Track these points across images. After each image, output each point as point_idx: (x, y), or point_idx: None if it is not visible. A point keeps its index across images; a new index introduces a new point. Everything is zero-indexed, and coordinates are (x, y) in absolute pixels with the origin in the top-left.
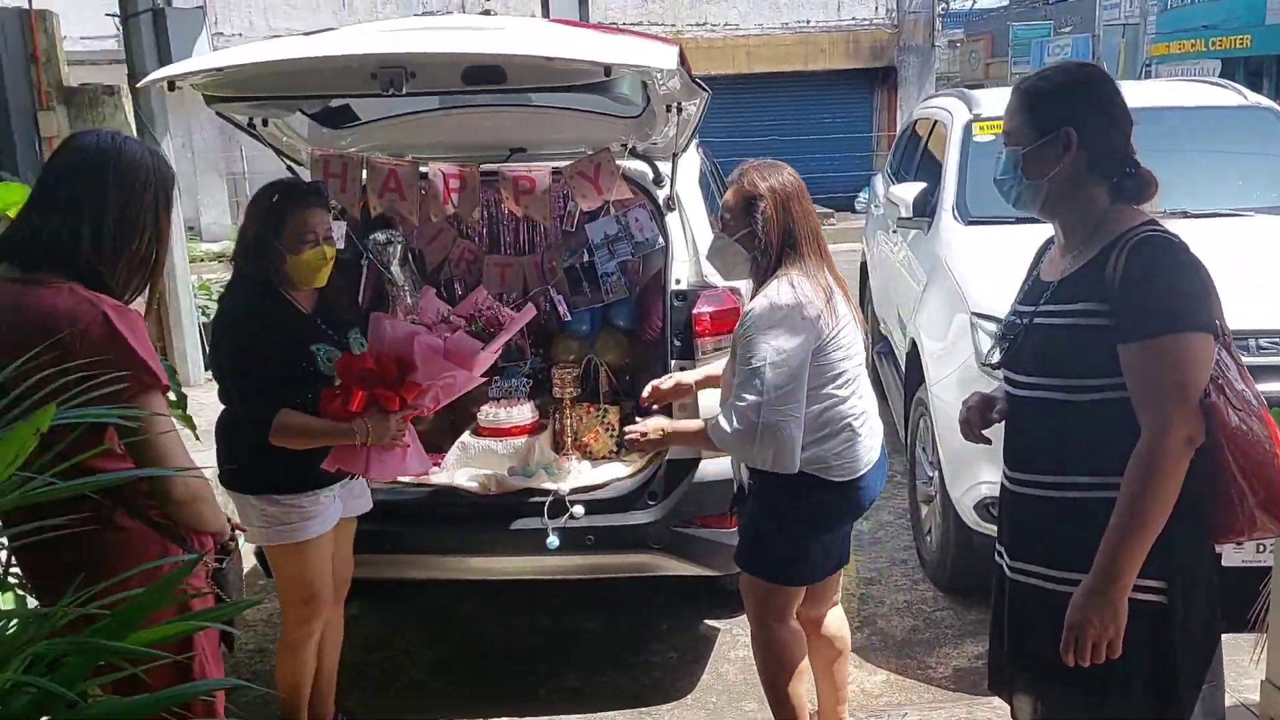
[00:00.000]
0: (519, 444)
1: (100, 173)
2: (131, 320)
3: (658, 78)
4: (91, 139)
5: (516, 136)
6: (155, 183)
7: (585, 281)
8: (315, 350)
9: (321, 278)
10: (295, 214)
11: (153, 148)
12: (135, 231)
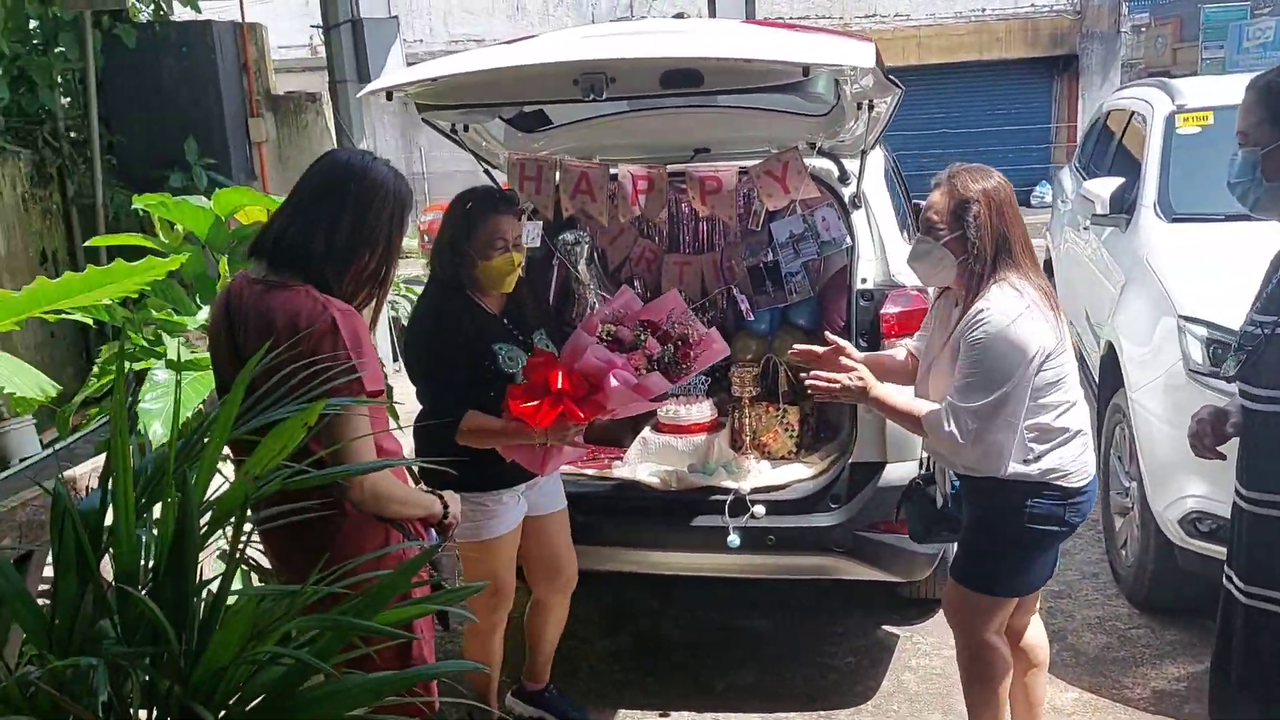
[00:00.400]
0: (698, 441)
1: (343, 186)
2: (355, 325)
3: (851, 75)
4: (344, 155)
5: (701, 137)
6: (393, 203)
7: (768, 280)
8: (497, 349)
9: (509, 283)
10: (487, 220)
11: (398, 171)
12: (367, 244)
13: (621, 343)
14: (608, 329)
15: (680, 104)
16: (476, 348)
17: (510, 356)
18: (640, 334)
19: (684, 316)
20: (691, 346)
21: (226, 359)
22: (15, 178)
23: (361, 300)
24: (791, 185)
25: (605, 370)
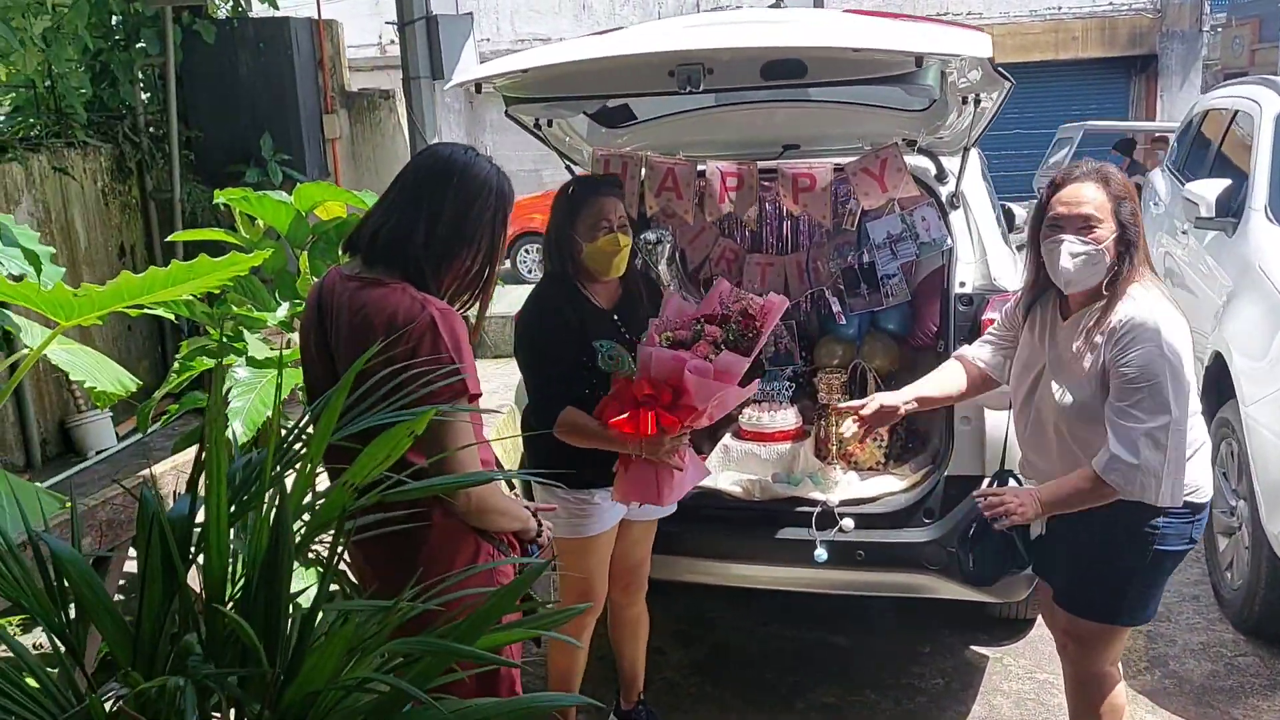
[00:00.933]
0: (782, 450)
1: (444, 179)
2: (454, 325)
3: (960, 68)
4: (446, 149)
5: (791, 132)
6: (495, 201)
7: (863, 283)
8: (598, 346)
9: (618, 266)
10: (589, 202)
11: (501, 168)
12: (466, 242)
13: (682, 343)
14: (665, 336)
15: (770, 98)
16: (578, 341)
17: (611, 355)
18: (699, 327)
19: (735, 293)
20: (753, 317)
21: (316, 358)
22: (96, 172)
23: (464, 305)
24: (890, 183)
25: (677, 366)
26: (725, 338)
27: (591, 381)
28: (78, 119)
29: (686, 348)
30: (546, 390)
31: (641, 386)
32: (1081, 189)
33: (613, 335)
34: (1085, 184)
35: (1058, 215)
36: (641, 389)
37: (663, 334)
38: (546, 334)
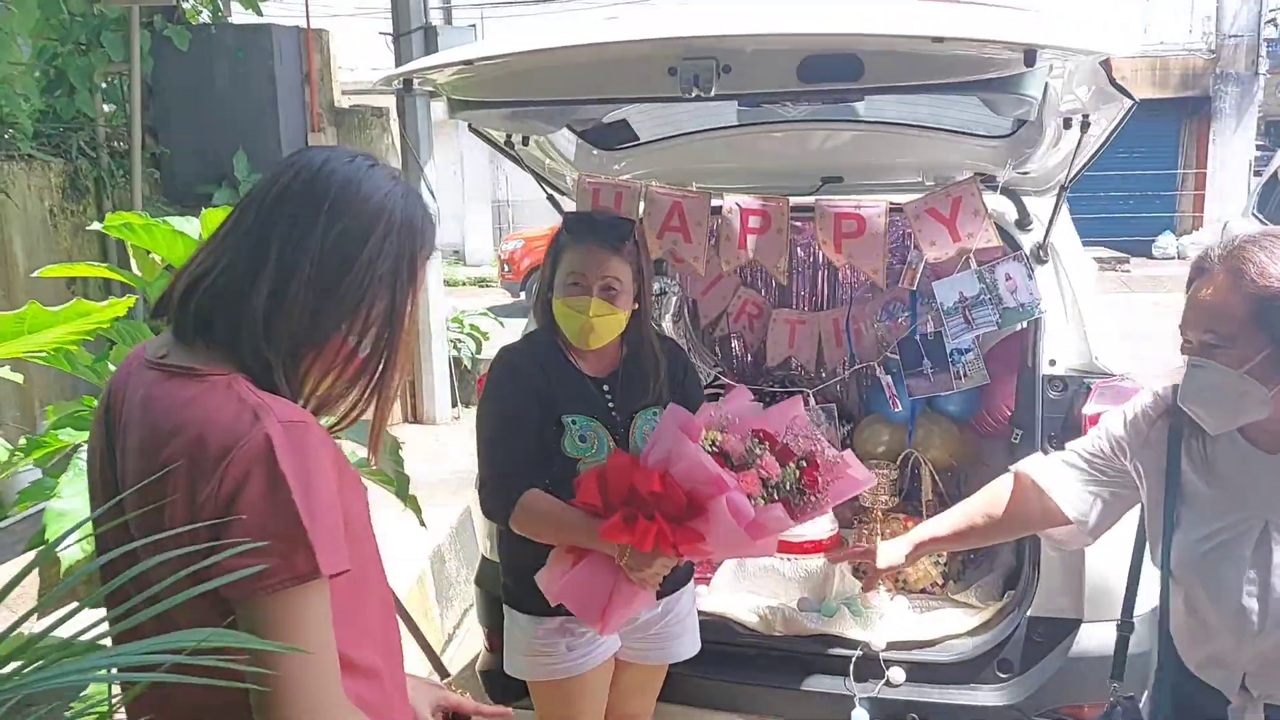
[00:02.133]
0: (813, 566)
1: (312, 203)
2: (306, 454)
3: (1068, 78)
4: (319, 156)
5: (834, 161)
6: (399, 237)
7: (927, 358)
8: (568, 422)
9: (585, 337)
10: (570, 249)
11: (416, 190)
12: (350, 300)
13: (728, 456)
14: (712, 436)
15: (806, 115)
16: (546, 412)
17: (583, 436)
18: (755, 446)
19: (808, 429)
20: (819, 469)
21: (100, 493)
22: (44, 189)
23: (346, 411)
24: (964, 230)
25: (715, 485)
26: (781, 483)
27: (556, 468)
28: (22, 130)
29: (729, 465)
30: (502, 467)
31: (650, 478)
32: (1204, 291)
33: (595, 411)
34: (1210, 281)
35: (1183, 329)
36: (650, 481)
37: (709, 432)
38: (507, 400)
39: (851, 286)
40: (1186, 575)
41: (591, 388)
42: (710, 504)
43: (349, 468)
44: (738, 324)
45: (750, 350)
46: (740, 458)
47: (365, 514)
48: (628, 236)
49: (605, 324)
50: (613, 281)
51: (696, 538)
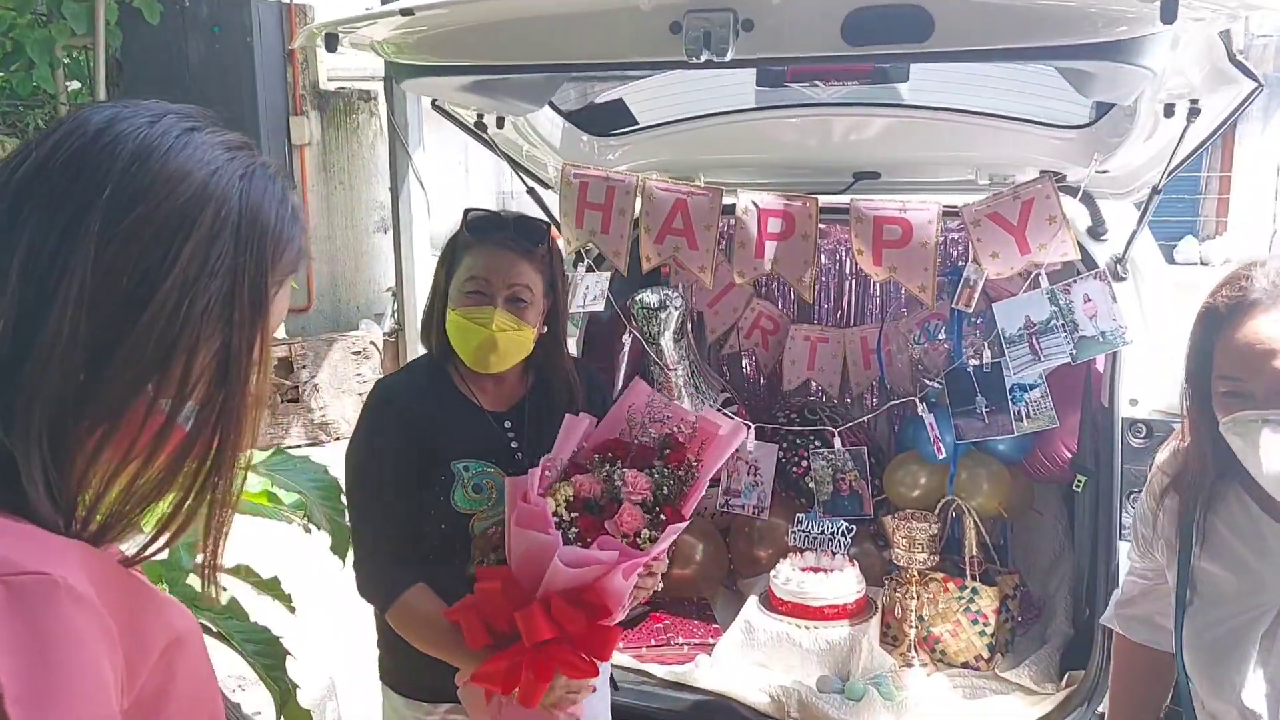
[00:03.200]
0: (836, 636)
1: (83, 186)
2: (45, 634)
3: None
4: (100, 114)
5: (868, 155)
6: (237, 240)
7: (980, 394)
8: (459, 470)
9: (483, 355)
10: (470, 251)
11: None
12: (153, 348)
13: (591, 504)
14: (559, 498)
15: (841, 99)
16: (430, 457)
17: (477, 486)
18: (610, 474)
19: (652, 408)
20: (683, 447)
21: None
22: None
23: (169, 515)
24: (1034, 240)
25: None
26: (659, 489)
27: (440, 527)
28: None
29: (598, 514)
30: (378, 545)
31: (537, 626)
32: (1271, 326)
33: (494, 454)
34: (1275, 314)
35: (1239, 375)
36: (538, 630)
37: (553, 493)
38: (383, 453)
39: (883, 300)
40: (1194, 668)
41: (491, 425)
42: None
43: (156, 633)
44: (749, 340)
45: (763, 371)
46: (603, 493)
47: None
48: (541, 239)
49: (510, 341)
50: (522, 290)
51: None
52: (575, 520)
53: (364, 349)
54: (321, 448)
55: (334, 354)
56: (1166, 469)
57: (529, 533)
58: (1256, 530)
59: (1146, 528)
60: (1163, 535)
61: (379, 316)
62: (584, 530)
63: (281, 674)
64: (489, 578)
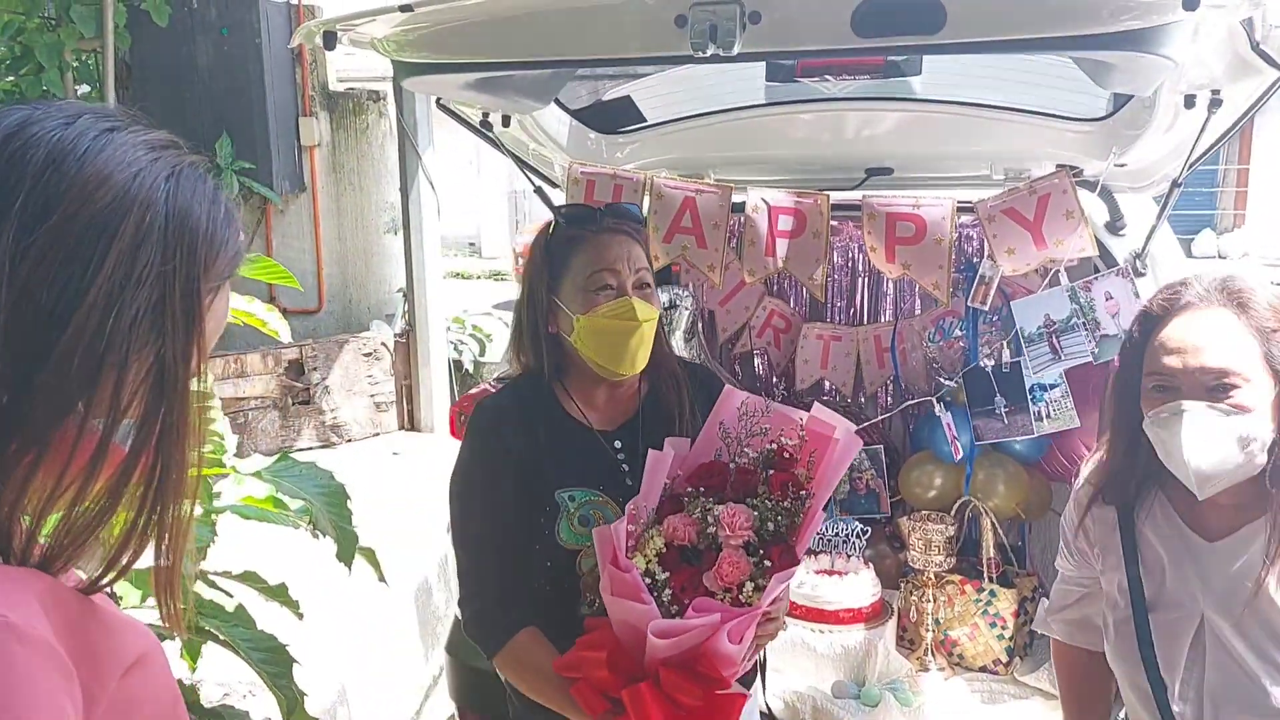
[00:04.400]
0: (851, 641)
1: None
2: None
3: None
4: (14, 116)
5: (880, 150)
6: (165, 245)
7: (1000, 395)
8: (564, 500)
9: (633, 355)
10: (583, 244)
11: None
12: (80, 365)
13: (688, 551)
14: (649, 552)
15: (851, 94)
16: (533, 487)
17: (584, 518)
18: (705, 516)
19: (750, 419)
20: (790, 462)
21: None
22: None
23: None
24: (1051, 236)
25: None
26: (760, 526)
27: (546, 564)
28: None
29: (693, 561)
30: (489, 588)
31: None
32: (1200, 324)
33: (603, 481)
34: (1204, 314)
35: (1167, 370)
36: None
37: (645, 553)
38: (490, 486)
39: (896, 297)
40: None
41: (600, 447)
42: (712, 649)
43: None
44: (761, 339)
45: (776, 370)
46: (700, 537)
47: None
48: (641, 221)
49: (651, 330)
50: (646, 274)
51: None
52: (669, 580)
53: (375, 350)
54: (333, 450)
55: (345, 356)
56: (1093, 480)
57: (623, 602)
58: (1180, 538)
59: (1077, 539)
60: (1096, 544)
61: (390, 318)
62: (679, 589)
63: (288, 681)
64: (595, 636)
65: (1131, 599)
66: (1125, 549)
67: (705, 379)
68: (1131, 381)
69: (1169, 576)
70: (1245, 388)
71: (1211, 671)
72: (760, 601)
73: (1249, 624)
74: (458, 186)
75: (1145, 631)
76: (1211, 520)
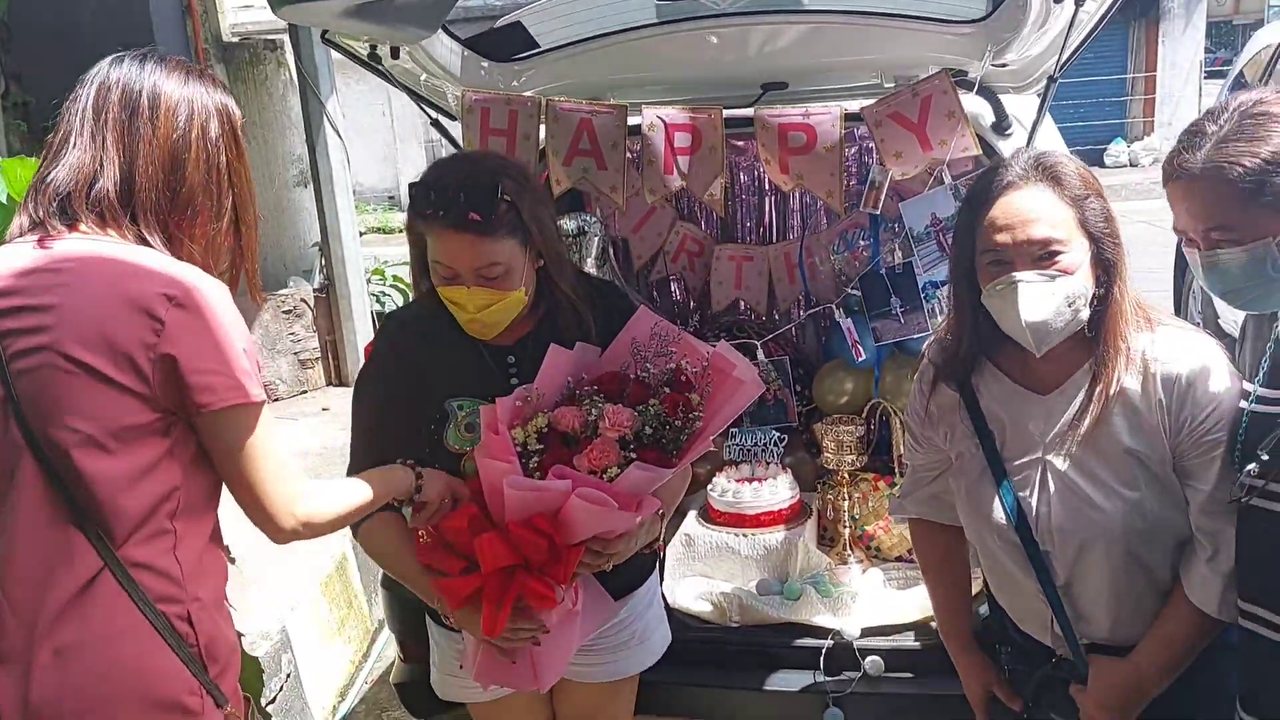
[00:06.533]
0: (772, 541)
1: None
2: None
3: None
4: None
5: (776, 64)
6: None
7: (895, 296)
8: (453, 408)
9: (474, 330)
10: (429, 230)
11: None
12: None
13: (568, 437)
14: (530, 429)
15: (741, 9)
16: (426, 394)
17: (470, 425)
18: (592, 409)
19: (661, 341)
20: (689, 386)
21: None
22: None
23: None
24: (935, 137)
25: (556, 500)
26: (639, 432)
27: (434, 466)
28: None
29: (572, 447)
30: (356, 465)
31: (496, 552)
32: (1022, 200)
33: (491, 392)
34: (1025, 192)
35: (999, 245)
36: (496, 556)
37: (527, 427)
38: (381, 382)
39: (803, 214)
40: (966, 519)
41: (490, 362)
42: (567, 516)
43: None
44: (676, 264)
45: (693, 294)
46: (583, 428)
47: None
48: (492, 207)
49: (496, 312)
50: (489, 269)
51: (572, 556)
52: (541, 452)
53: (295, 307)
54: None
55: (264, 315)
56: (934, 358)
57: (491, 462)
58: (1015, 396)
59: (923, 424)
60: (942, 424)
61: (307, 273)
62: (547, 462)
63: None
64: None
65: (984, 453)
66: (973, 416)
67: (611, 297)
68: (966, 260)
69: (1009, 433)
70: (1067, 253)
71: (1057, 510)
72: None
73: (1081, 455)
74: (370, 133)
75: (1003, 478)
76: (1041, 376)
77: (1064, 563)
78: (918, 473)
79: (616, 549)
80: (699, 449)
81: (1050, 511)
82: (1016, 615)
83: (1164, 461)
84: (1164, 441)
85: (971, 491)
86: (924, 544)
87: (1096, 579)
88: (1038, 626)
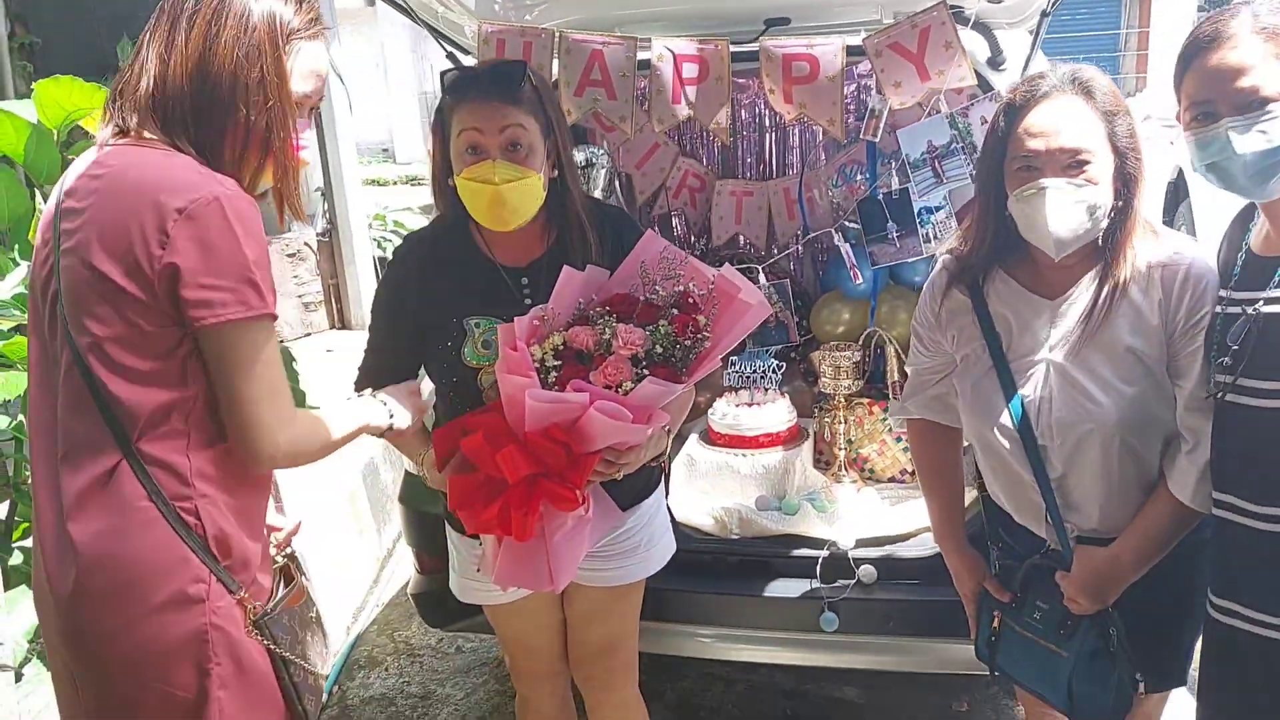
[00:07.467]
0: (770, 461)
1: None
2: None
3: None
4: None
5: (777, 1)
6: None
7: (891, 220)
8: (470, 326)
9: (495, 213)
10: (456, 112)
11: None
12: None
13: (586, 357)
14: (547, 346)
15: None
16: (444, 313)
17: (487, 342)
18: (605, 329)
19: (668, 265)
20: (697, 308)
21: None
22: None
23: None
24: (933, 67)
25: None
26: (651, 350)
27: (452, 380)
28: None
29: (586, 364)
30: (368, 377)
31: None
32: (1059, 109)
33: (507, 311)
34: (1062, 100)
35: (1031, 152)
36: (516, 467)
37: (544, 345)
38: (385, 298)
39: (802, 150)
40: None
41: (506, 282)
42: (584, 428)
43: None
44: (678, 200)
45: (694, 229)
46: (596, 345)
47: None
48: (520, 78)
49: (519, 192)
50: (515, 133)
51: (588, 463)
52: (559, 368)
53: (298, 250)
54: None
55: None
56: (949, 266)
57: (511, 377)
58: (1024, 301)
59: (932, 328)
60: (950, 327)
61: (311, 218)
62: (565, 377)
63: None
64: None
65: (990, 353)
66: (981, 318)
67: (619, 222)
68: (995, 166)
69: (1015, 334)
70: (1094, 164)
71: (1058, 404)
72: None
73: (1084, 354)
74: (365, 89)
75: (1007, 375)
76: (1050, 281)
77: (1061, 456)
78: (921, 375)
79: (628, 459)
80: (708, 367)
81: (1051, 407)
82: (1013, 508)
83: (1160, 359)
84: (1161, 340)
85: (977, 390)
86: (923, 445)
87: (1090, 472)
88: (1033, 518)
